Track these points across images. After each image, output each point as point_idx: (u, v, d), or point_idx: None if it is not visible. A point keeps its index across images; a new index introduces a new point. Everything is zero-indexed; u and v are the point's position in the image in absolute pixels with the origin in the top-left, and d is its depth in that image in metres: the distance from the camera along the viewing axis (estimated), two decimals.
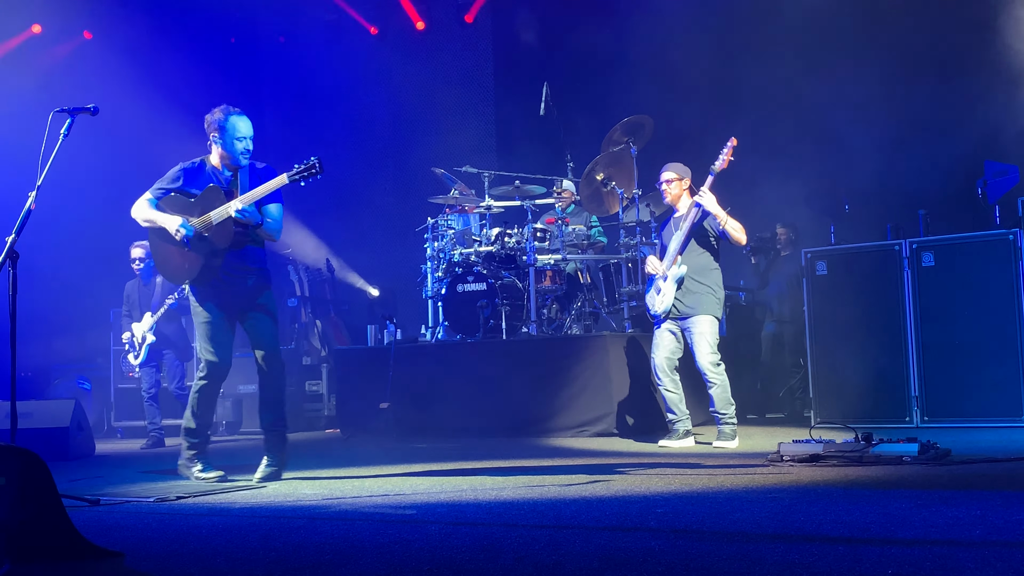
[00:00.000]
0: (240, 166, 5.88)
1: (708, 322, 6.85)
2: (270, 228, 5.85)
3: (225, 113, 5.87)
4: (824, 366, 8.03)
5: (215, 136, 5.88)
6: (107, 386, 11.37)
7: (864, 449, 5.23)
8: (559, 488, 4.86)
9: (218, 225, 5.71)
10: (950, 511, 3.62)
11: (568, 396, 8.23)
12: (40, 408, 8.36)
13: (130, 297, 9.96)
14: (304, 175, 5.73)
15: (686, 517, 3.77)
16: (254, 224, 5.75)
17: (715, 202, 6.75)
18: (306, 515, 4.35)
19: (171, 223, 5.77)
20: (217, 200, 5.74)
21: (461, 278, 8.88)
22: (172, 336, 9.79)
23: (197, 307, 5.88)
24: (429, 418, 8.67)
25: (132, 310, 9.92)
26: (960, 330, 7.48)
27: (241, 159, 5.85)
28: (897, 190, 9.46)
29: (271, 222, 5.85)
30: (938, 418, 7.48)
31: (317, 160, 5.74)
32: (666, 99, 10.24)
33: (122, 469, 7.32)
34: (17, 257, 4.82)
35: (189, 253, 5.78)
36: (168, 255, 5.90)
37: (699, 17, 10.51)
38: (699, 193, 6.79)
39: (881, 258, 7.86)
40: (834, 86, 9.75)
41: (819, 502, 4.01)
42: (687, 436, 6.94)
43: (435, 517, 4.09)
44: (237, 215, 5.66)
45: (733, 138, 6.81)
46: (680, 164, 7.19)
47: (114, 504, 4.91)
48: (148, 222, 5.90)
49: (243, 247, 5.83)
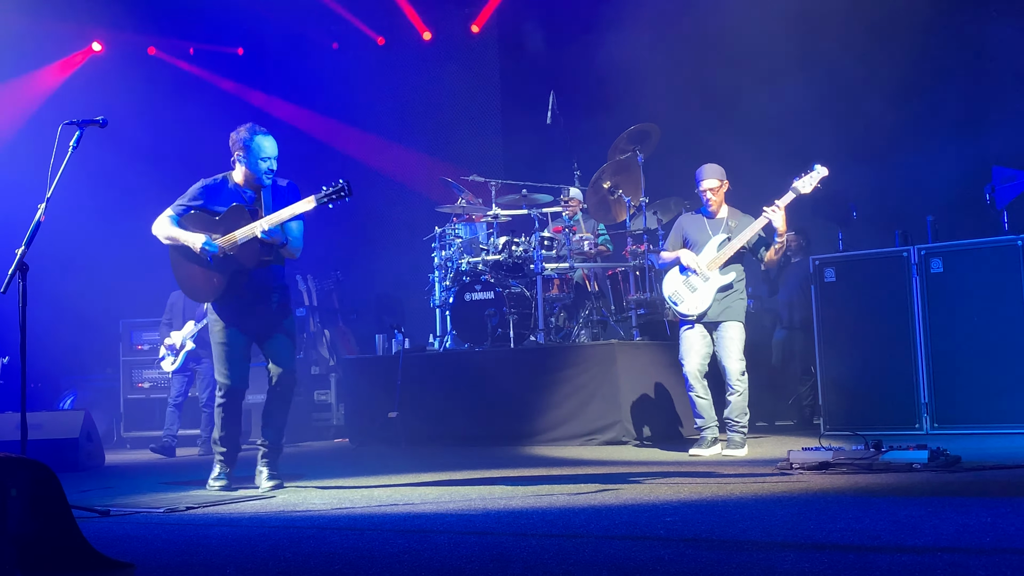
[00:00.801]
0: (263, 185, 5.88)
1: (739, 328, 6.80)
2: (293, 246, 5.86)
3: (251, 132, 5.85)
4: (833, 373, 8.01)
5: (239, 155, 5.87)
6: (116, 397, 11.39)
7: (874, 456, 5.22)
8: (568, 497, 4.85)
9: (243, 244, 5.72)
10: (960, 518, 3.60)
11: (577, 405, 8.22)
12: (50, 419, 8.38)
13: (174, 306, 10.06)
14: (332, 198, 5.69)
15: (696, 526, 3.76)
16: (279, 244, 5.77)
17: (784, 220, 6.57)
18: (315, 525, 4.35)
19: (195, 241, 5.77)
20: (242, 219, 5.74)
21: (469, 287, 8.89)
22: None
23: (217, 327, 5.86)
24: (437, 427, 8.68)
25: (174, 319, 10.02)
26: (969, 336, 7.46)
27: (264, 179, 5.85)
28: (905, 196, 9.45)
29: (293, 240, 5.86)
30: (948, 425, 7.46)
31: (346, 183, 5.70)
32: (672, 107, 10.24)
33: (132, 480, 7.35)
34: (27, 269, 4.85)
35: (213, 272, 5.79)
36: (191, 273, 5.90)
37: (705, 25, 10.51)
38: (774, 208, 6.54)
39: (889, 264, 7.84)
40: (842, 92, 9.75)
41: (829, 510, 4.00)
42: (715, 444, 6.86)
43: (444, 527, 4.09)
44: (263, 236, 5.67)
45: (824, 167, 6.55)
46: (717, 166, 6.95)
47: (124, 515, 4.92)
48: (170, 239, 5.91)
49: (267, 266, 5.85)
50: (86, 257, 11.50)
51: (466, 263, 9.17)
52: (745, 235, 6.71)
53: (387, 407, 8.67)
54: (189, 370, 9.95)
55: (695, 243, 6.93)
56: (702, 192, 6.93)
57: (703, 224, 6.95)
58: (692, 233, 6.98)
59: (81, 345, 11.91)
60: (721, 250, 6.78)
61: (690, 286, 6.87)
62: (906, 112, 9.65)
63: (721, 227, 6.87)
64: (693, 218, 7.08)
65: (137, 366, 11.24)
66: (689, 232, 7.01)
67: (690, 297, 6.86)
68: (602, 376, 8.16)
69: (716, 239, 6.83)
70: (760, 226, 6.68)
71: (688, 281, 6.89)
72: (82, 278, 11.48)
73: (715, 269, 6.78)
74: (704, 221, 6.96)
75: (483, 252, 9.16)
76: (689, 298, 6.86)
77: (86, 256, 11.50)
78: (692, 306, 6.84)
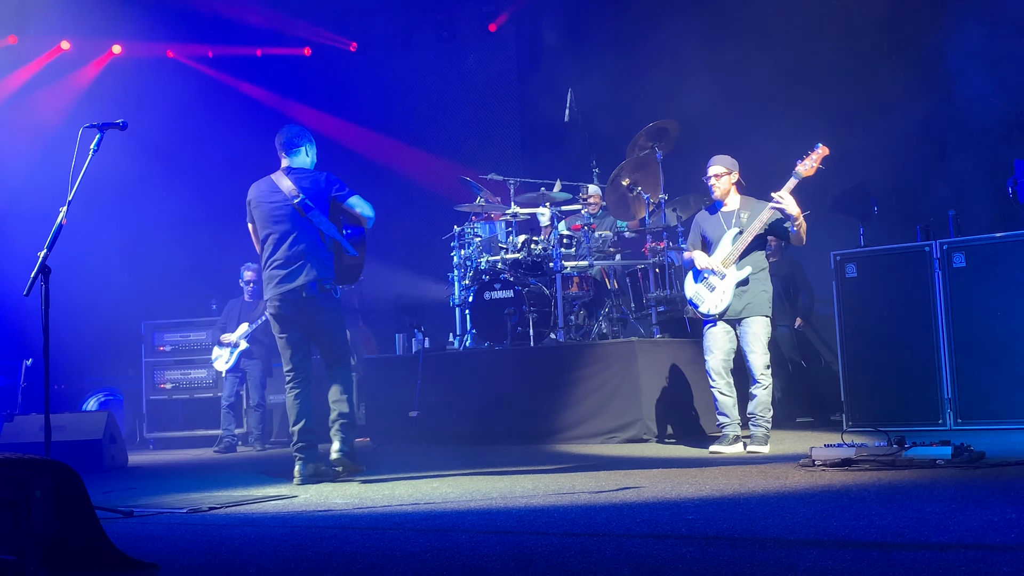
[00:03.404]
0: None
1: (763, 323, 6.75)
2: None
3: None
4: (855, 369, 7.96)
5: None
6: (139, 398, 11.47)
7: (897, 453, 5.18)
8: (589, 495, 4.85)
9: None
10: (984, 514, 3.58)
11: (597, 402, 8.21)
12: (73, 421, 8.45)
13: (231, 311, 10.44)
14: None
15: (717, 524, 3.75)
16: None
17: (795, 204, 6.53)
18: (337, 524, 4.37)
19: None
20: None
21: (488, 285, 8.89)
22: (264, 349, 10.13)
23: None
24: (458, 426, 8.68)
25: (228, 323, 10.36)
26: (993, 331, 7.40)
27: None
28: (926, 191, 9.39)
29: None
30: (972, 420, 7.40)
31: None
32: (691, 103, 10.20)
33: (155, 480, 7.40)
34: (49, 272, 4.89)
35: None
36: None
37: (723, 21, 10.48)
38: (779, 196, 6.52)
39: (911, 260, 7.79)
40: (862, 86, 9.69)
41: (852, 507, 3.98)
42: (737, 441, 6.80)
43: (466, 526, 4.09)
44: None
45: (824, 146, 6.54)
46: (728, 157, 6.95)
47: (147, 515, 4.95)
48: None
49: None
50: (108, 259, 11.59)
51: (485, 262, 9.18)
52: (755, 227, 6.70)
53: (407, 406, 8.68)
54: (240, 370, 10.23)
55: (712, 240, 6.92)
56: (707, 178, 6.95)
57: (718, 220, 6.93)
58: (708, 230, 6.97)
59: (104, 346, 12.00)
60: (735, 244, 6.77)
61: (708, 285, 6.85)
62: (927, 106, 9.58)
63: (734, 220, 6.85)
64: (707, 215, 7.07)
65: (160, 367, 11.32)
66: (706, 230, 7.00)
67: (710, 296, 6.84)
68: (622, 374, 8.14)
69: (730, 233, 6.81)
70: (768, 216, 6.65)
71: (707, 281, 6.87)
72: (104, 280, 11.57)
73: (731, 265, 6.76)
74: (719, 217, 6.94)
75: (502, 251, 9.16)
76: (709, 297, 6.84)
77: (108, 258, 11.59)
78: (713, 305, 6.82)
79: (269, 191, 6.28)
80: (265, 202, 6.27)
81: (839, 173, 9.64)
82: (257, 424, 10.19)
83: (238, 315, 10.31)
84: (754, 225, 6.70)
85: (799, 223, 6.59)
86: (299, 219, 6.18)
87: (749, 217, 6.78)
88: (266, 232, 6.25)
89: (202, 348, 11.06)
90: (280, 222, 6.21)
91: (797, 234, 6.65)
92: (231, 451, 9.98)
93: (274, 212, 6.22)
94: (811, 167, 6.54)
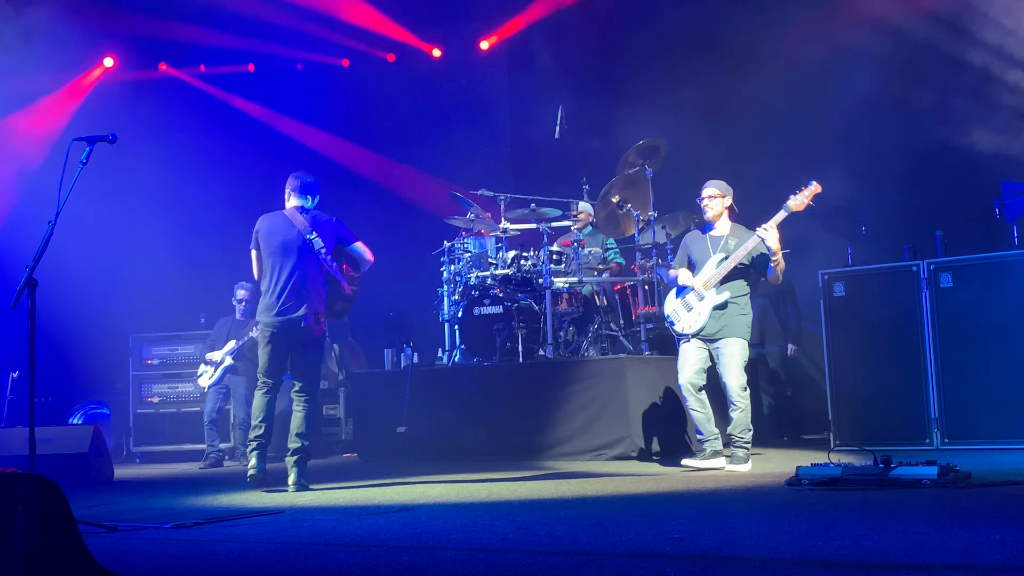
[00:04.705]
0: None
1: (739, 344, 6.81)
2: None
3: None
4: (843, 388, 7.98)
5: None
6: (126, 411, 11.42)
7: (883, 472, 5.19)
8: (575, 513, 4.84)
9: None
10: (969, 535, 3.58)
11: (586, 419, 8.21)
12: (59, 434, 8.42)
13: (221, 329, 10.42)
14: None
15: (703, 542, 3.75)
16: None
17: (777, 239, 6.61)
18: (322, 541, 4.35)
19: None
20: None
21: (477, 301, 8.89)
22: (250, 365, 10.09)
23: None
24: (446, 442, 8.66)
25: (217, 340, 10.33)
26: (980, 351, 7.42)
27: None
28: (914, 211, 9.42)
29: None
30: (959, 440, 7.42)
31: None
32: (681, 122, 10.24)
33: (141, 494, 7.35)
34: (36, 284, 4.87)
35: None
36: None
37: (714, 40, 10.53)
38: (765, 228, 6.60)
39: (899, 279, 7.82)
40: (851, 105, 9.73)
41: (837, 526, 3.98)
42: (716, 456, 6.84)
43: (451, 543, 4.08)
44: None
45: (817, 183, 6.63)
46: (723, 182, 7.04)
47: (131, 530, 4.92)
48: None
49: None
50: (96, 272, 11.54)
51: (475, 277, 9.18)
52: (739, 254, 6.77)
53: (395, 422, 8.66)
54: (224, 385, 10.19)
55: (697, 261, 7.01)
56: (700, 199, 7.02)
57: (705, 243, 7.01)
58: (695, 252, 7.05)
59: (91, 359, 11.95)
60: (719, 268, 6.82)
61: (686, 304, 6.95)
62: (914, 125, 9.64)
63: (720, 245, 6.92)
64: (696, 236, 7.14)
65: (147, 380, 11.28)
66: (692, 251, 7.08)
67: (686, 316, 6.93)
68: (611, 391, 8.14)
69: (715, 257, 6.88)
70: (753, 245, 6.73)
71: (685, 300, 6.95)
72: (92, 293, 11.52)
73: (712, 288, 6.81)
74: (706, 240, 7.01)
75: (492, 266, 9.16)
76: (685, 316, 6.93)
77: (96, 271, 11.54)
78: (688, 324, 6.90)
79: (284, 226, 6.80)
80: (279, 235, 6.77)
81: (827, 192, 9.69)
82: (243, 440, 10.09)
83: (227, 333, 10.28)
84: (739, 252, 6.78)
85: (776, 259, 6.65)
86: (308, 255, 6.73)
87: (736, 244, 6.85)
88: (274, 262, 6.75)
89: (190, 362, 11.03)
90: (290, 255, 6.72)
91: (774, 272, 6.71)
92: (218, 466, 9.92)
93: (286, 245, 6.74)
94: (802, 202, 6.65)
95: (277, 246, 6.75)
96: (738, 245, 6.82)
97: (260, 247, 6.84)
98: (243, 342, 10.01)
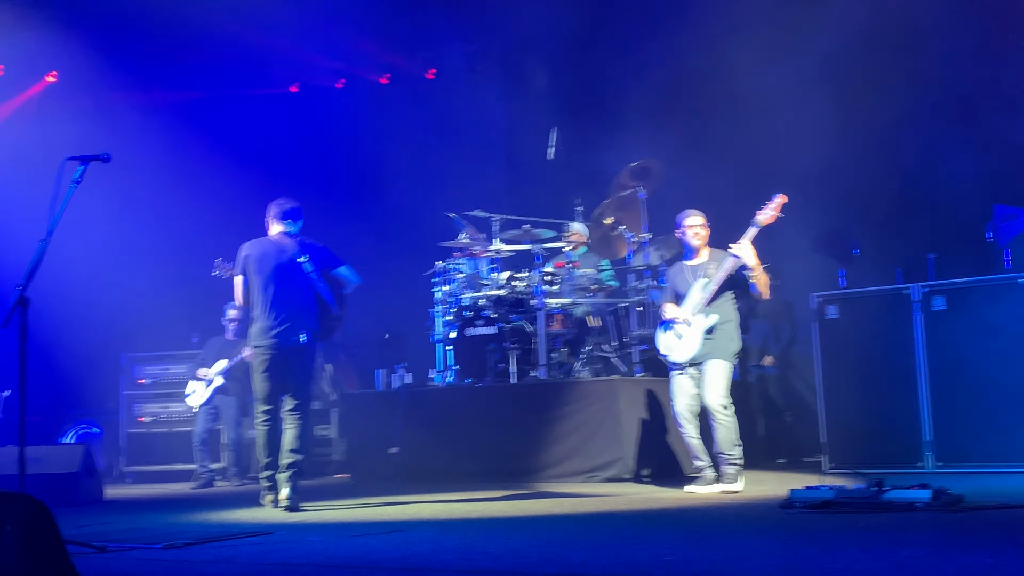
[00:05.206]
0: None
1: (722, 366, 6.80)
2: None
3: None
4: (836, 411, 7.95)
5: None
6: (117, 431, 11.38)
7: (876, 495, 5.18)
8: (567, 535, 4.82)
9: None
10: (961, 559, 3.57)
11: (578, 441, 8.19)
12: (49, 453, 8.36)
13: (211, 348, 10.39)
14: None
15: (695, 565, 3.73)
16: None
17: (753, 254, 6.65)
18: (312, 563, 4.32)
19: None
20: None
21: (470, 322, 8.89)
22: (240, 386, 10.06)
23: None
24: (438, 463, 8.64)
25: (207, 360, 10.29)
26: (973, 374, 7.41)
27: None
28: (907, 234, 9.45)
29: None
30: (952, 463, 7.40)
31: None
32: (675, 143, 10.27)
33: (131, 514, 7.31)
34: (28, 303, 4.85)
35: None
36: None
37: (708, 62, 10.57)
38: (738, 244, 6.65)
39: (892, 302, 7.82)
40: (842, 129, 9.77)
41: (830, 550, 3.97)
42: (715, 482, 6.82)
43: (441, 565, 4.06)
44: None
45: (782, 195, 6.68)
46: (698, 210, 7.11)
47: (121, 551, 4.88)
48: None
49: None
50: (88, 291, 11.52)
51: (468, 298, 9.18)
52: (720, 276, 6.79)
53: (388, 442, 8.64)
54: (214, 406, 10.16)
55: (682, 294, 7.02)
56: (687, 229, 7.00)
57: (685, 273, 7.03)
58: (679, 284, 7.06)
59: (83, 379, 11.90)
60: (703, 292, 6.85)
61: (676, 335, 6.95)
62: (906, 149, 9.67)
63: (700, 272, 6.94)
64: (677, 269, 7.16)
65: (139, 400, 11.24)
66: (676, 284, 7.09)
67: (678, 345, 6.93)
68: (604, 412, 8.13)
69: (698, 283, 6.91)
70: (730, 265, 6.74)
71: (675, 331, 6.96)
72: (84, 312, 11.49)
73: (699, 313, 6.83)
74: (686, 270, 7.04)
75: (485, 287, 9.16)
76: (677, 346, 6.94)
77: (88, 290, 11.52)
78: (681, 354, 6.91)
79: (275, 251, 6.91)
80: (271, 259, 6.87)
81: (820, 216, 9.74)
82: (234, 461, 10.12)
83: (217, 353, 10.25)
84: (719, 275, 6.80)
85: (756, 274, 6.66)
86: (301, 279, 6.88)
87: (717, 267, 6.86)
88: (267, 286, 6.83)
89: (182, 381, 10.97)
90: (283, 279, 6.84)
91: (757, 288, 6.72)
92: (209, 486, 9.86)
93: (279, 269, 6.85)
94: (770, 215, 6.70)
95: (271, 270, 6.84)
96: (718, 268, 6.86)
97: (249, 272, 6.91)
98: (234, 362, 9.99)
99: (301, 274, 6.88)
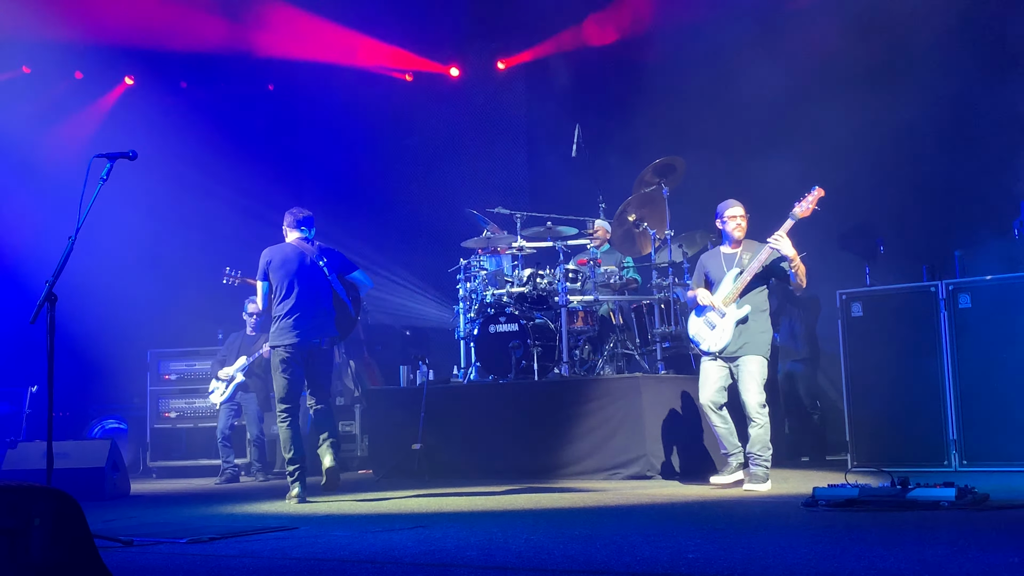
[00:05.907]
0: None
1: (758, 362, 6.81)
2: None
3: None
4: (860, 408, 7.92)
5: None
6: (143, 426, 11.47)
7: (900, 494, 5.16)
8: (590, 532, 4.83)
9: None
10: (987, 557, 3.55)
11: (601, 438, 8.18)
12: (76, 448, 8.45)
13: (232, 344, 10.52)
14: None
15: (718, 563, 3.73)
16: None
17: (791, 245, 6.65)
18: (336, 557, 4.35)
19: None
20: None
21: (493, 319, 8.90)
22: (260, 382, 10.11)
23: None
24: (460, 459, 8.66)
25: (228, 356, 10.42)
26: (998, 372, 7.37)
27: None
28: (932, 231, 9.38)
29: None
30: (977, 462, 7.35)
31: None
32: (697, 141, 10.25)
33: (157, 509, 7.38)
34: (55, 300, 4.91)
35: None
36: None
37: (730, 61, 10.54)
38: (775, 237, 6.65)
39: (917, 300, 7.77)
40: (868, 127, 9.72)
41: (854, 548, 3.95)
42: (739, 469, 6.89)
43: (465, 560, 4.07)
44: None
45: (820, 188, 6.68)
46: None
47: (147, 545, 4.93)
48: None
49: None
50: (115, 287, 11.62)
51: (491, 295, 9.19)
52: (753, 266, 6.79)
53: (411, 439, 8.67)
54: (236, 402, 10.24)
55: (714, 280, 7.04)
56: (728, 220, 7.01)
57: (720, 261, 7.05)
58: (712, 271, 7.08)
59: (109, 374, 12.01)
60: (736, 282, 6.84)
61: (709, 323, 6.97)
62: (932, 146, 9.61)
63: (735, 261, 6.95)
64: (712, 255, 7.17)
65: (164, 396, 11.35)
66: (709, 270, 7.11)
67: (710, 335, 6.94)
68: (626, 410, 8.12)
69: (731, 273, 6.92)
70: (765, 256, 6.75)
71: (707, 319, 6.96)
72: (111, 308, 11.60)
73: (732, 303, 6.82)
74: (722, 258, 7.05)
75: (508, 284, 9.16)
76: (709, 335, 6.95)
77: (115, 287, 11.62)
78: (713, 343, 6.92)
79: (297, 255, 7.20)
80: (294, 263, 7.16)
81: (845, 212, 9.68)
82: (258, 457, 10.23)
83: (238, 348, 10.33)
84: (753, 264, 6.79)
85: (795, 264, 6.67)
86: (322, 282, 7.20)
87: (750, 258, 6.86)
88: (291, 288, 7.11)
89: (207, 377, 11.06)
90: (305, 281, 7.15)
91: (796, 276, 6.71)
92: (234, 481, 9.96)
93: (302, 272, 7.15)
94: (807, 208, 6.68)
95: (294, 273, 7.14)
96: (752, 258, 6.85)
97: (272, 276, 7.19)
98: (253, 358, 10.07)
99: (322, 276, 7.21)
